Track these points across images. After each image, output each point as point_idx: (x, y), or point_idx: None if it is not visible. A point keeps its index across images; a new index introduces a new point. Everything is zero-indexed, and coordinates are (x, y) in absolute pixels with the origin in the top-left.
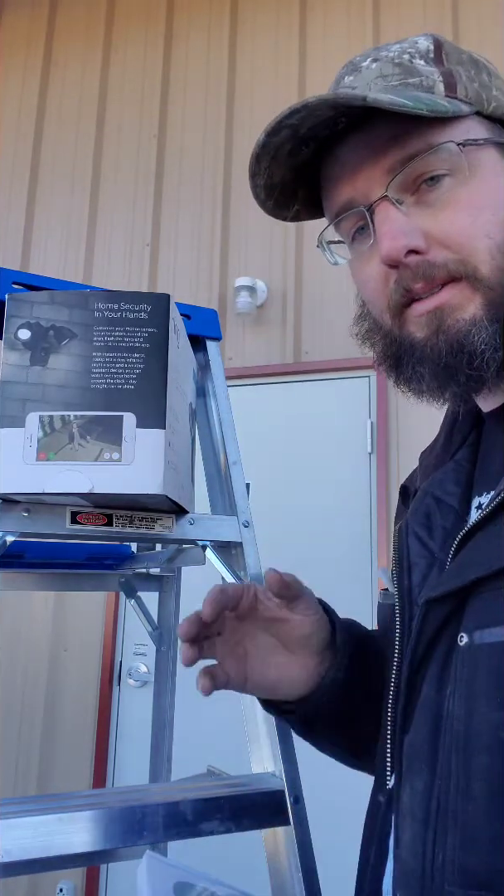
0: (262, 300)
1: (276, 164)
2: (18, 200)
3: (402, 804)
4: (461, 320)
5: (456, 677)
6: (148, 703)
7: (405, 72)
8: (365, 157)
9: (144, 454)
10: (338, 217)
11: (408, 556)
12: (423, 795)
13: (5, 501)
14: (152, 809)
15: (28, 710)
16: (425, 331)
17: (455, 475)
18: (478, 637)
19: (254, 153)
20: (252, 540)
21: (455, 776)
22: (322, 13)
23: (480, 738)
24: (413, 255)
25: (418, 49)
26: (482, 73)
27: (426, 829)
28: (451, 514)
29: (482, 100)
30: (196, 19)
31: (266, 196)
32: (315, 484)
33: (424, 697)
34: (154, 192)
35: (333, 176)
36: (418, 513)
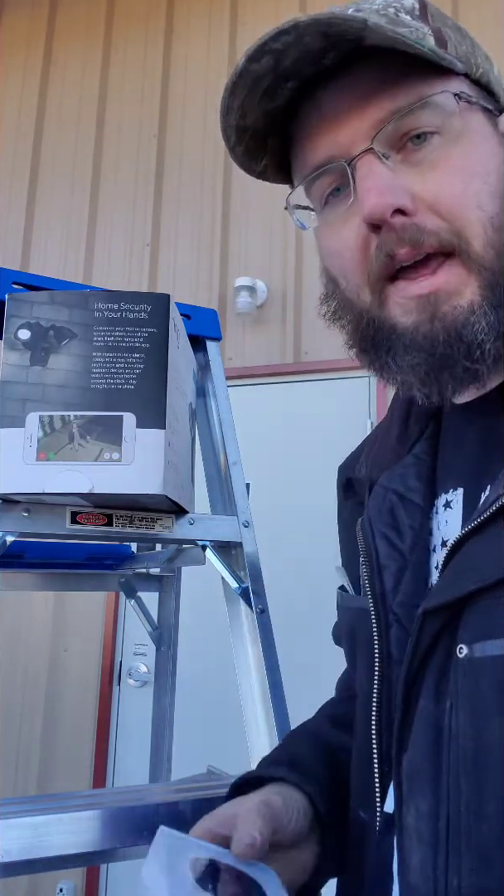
0: (262, 300)
1: (251, 101)
2: (18, 200)
3: (407, 826)
4: (458, 307)
5: (457, 691)
6: (148, 703)
7: (392, 22)
8: (350, 105)
9: (144, 454)
10: (314, 172)
11: (377, 559)
12: (429, 817)
13: (5, 501)
14: (152, 809)
15: (28, 710)
16: (415, 316)
17: (416, 469)
18: (479, 650)
19: (229, 84)
20: (252, 540)
21: (466, 796)
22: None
23: (491, 756)
24: (399, 215)
25: (403, 5)
26: (467, 38)
27: (436, 851)
28: (418, 512)
29: (471, 63)
30: (196, 19)
31: (237, 139)
32: (315, 484)
33: (422, 711)
34: (154, 192)
35: (311, 126)
36: (382, 510)
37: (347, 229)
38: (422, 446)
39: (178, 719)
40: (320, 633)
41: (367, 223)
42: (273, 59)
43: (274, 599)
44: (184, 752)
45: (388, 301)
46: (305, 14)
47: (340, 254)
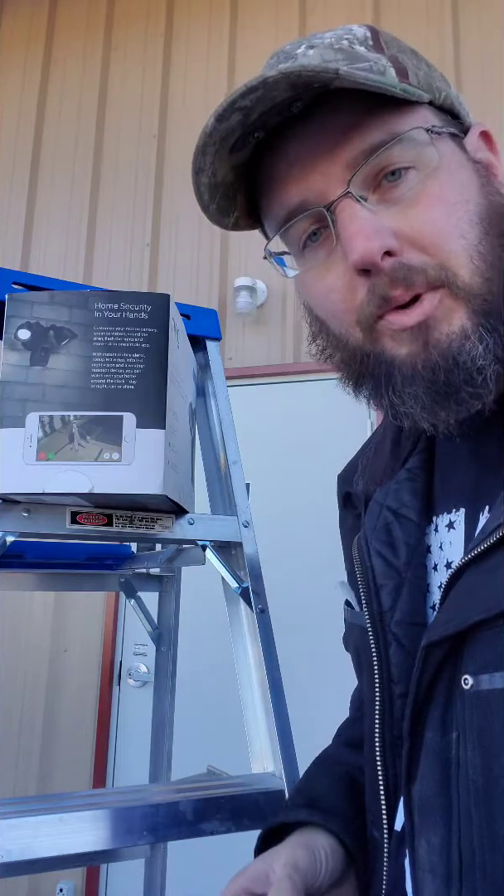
0: (262, 300)
1: (220, 158)
2: (18, 201)
3: (420, 858)
4: (451, 333)
5: (464, 723)
6: (148, 703)
7: (349, 57)
8: (319, 151)
9: (144, 454)
10: (288, 222)
11: (373, 577)
12: (441, 850)
13: (5, 501)
14: (152, 809)
15: (28, 710)
16: (409, 346)
17: (410, 485)
18: (486, 682)
19: (199, 144)
20: (252, 540)
21: (478, 829)
22: (322, 14)
23: (502, 789)
24: (387, 257)
25: (355, 35)
26: (422, 62)
27: (449, 886)
28: (413, 529)
29: (433, 88)
30: (196, 19)
31: (209, 198)
32: (315, 484)
33: (428, 743)
34: (154, 192)
35: (278, 175)
36: (377, 528)
37: (333, 274)
38: (415, 460)
39: (178, 719)
40: (320, 633)
41: (355, 269)
42: (241, 115)
43: (274, 599)
44: (184, 752)
45: (381, 336)
46: (273, 69)
47: (327, 297)
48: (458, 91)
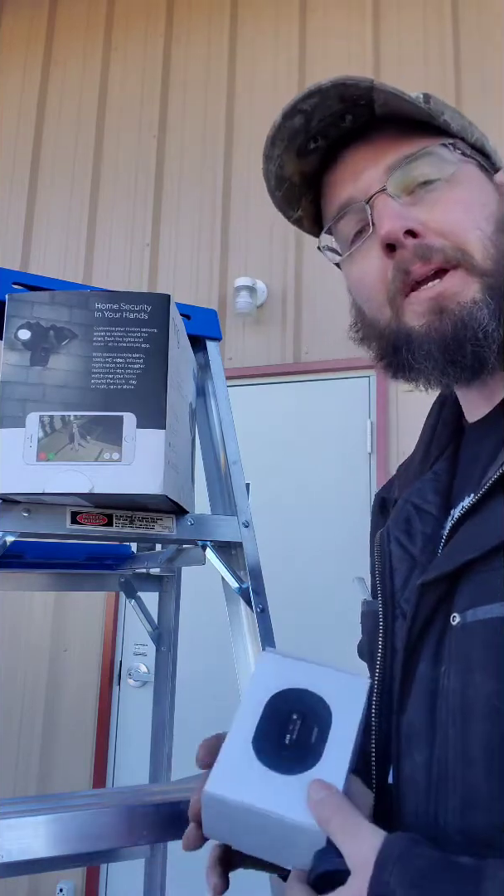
0: (262, 300)
1: (289, 155)
2: (18, 201)
3: (404, 777)
4: (463, 303)
5: (450, 655)
6: (148, 703)
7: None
8: (367, 157)
9: (144, 454)
10: (339, 212)
11: (390, 562)
12: (423, 767)
13: (5, 501)
14: (152, 809)
15: (28, 711)
16: (426, 317)
17: (434, 485)
18: (470, 615)
19: (269, 135)
20: (252, 540)
21: (453, 745)
22: (322, 13)
23: (477, 707)
24: (411, 237)
25: (409, 95)
26: (464, 118)
27: (428, 797)
28: (431, 521)
29: (466, 131)
30: (196, 19)
31: (276, 185)
32: (315, 484)
33: (420, 676)
34: (154, 192)
35: (336, 178)
36: (399, 519)
37: (368, 260)
38: (441, 465)
39: (178, 719)
40: (321, 633)
41: (382, 244)
42: (304, 118)
43: (274, 599)
44: (184, 752)
45: (404, 312)
46: (327, 79)
47: (363, 280)
48: (494, 148)
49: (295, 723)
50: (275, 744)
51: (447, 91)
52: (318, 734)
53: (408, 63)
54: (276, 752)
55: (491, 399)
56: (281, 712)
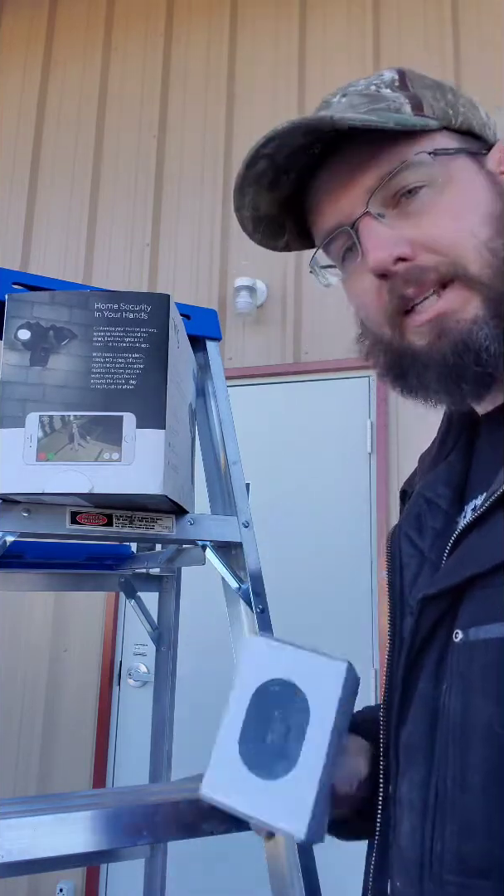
0: (262, 300)
1: (260, 195)
2: (18, 201)
3: (401, 795)
4: (462, 321)
5: (451, 673)
6: (148, 703)
7: (372, 100)
8: (344, 180)
9: (144, 454)
10: (326, 239)
11: (399, 557)
12: (420, 787)
13: (5, 501)
14: (152, 809)
15: (28, 711)
16: (427, 338)
17: (446, 476)
18: (472, 634)
19: (235, 186)
20: (252, 540)
21: (452, 768)
22: (322, 13)
23: (476, 731)
24: (401, 262)
25: (383, 80)
26: (447, 93)
27: (424, 819)
28: (441, 516)
29: (449, 115)
30: (196, 19)
31: (253, 228)
32: (315, 484)
33: (420, 692)
34: (154, 192)
35: (317, 202)
36: (410, 514)
37: (362, 281)
38: (455, 455)
39: (178, 719)
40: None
41: (374, 275)
42: (268, 161)
43: (274, 599)
44: (184, 752)
45: (406, 332)
46: (285, 120)
47: (361, 300)
48: (488, 115)
49: (276, 721)
50: (258, 745)
51: None
52: (296, 733)
53: (408, 63)
54: (258, 754)
55: (497, 394)
56: (263, 709)
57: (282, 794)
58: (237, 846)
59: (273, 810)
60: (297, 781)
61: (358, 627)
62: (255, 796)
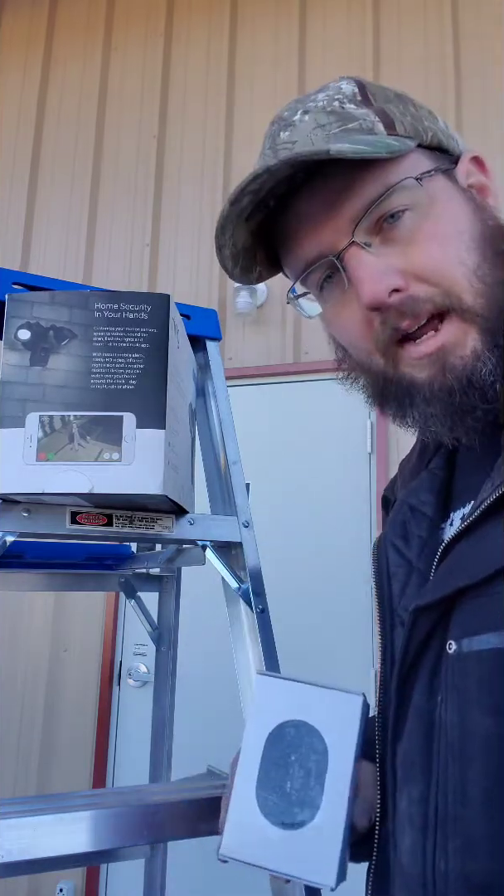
0: (262, 300)
1: (238, 229)
2: (18, 200)
3: (400, 811)
4: (464, 357)
5: (446, 685)
6: (148, 703)
7: (341, 118)
8: (325, 209)
9: (144, 454)
10: (306, 271)
11: (387, 567)
12: (420, 803)
13: (5, 501)
14: (152, 809)
15: (28, 711)
16: (428, 371)
17: (429, 484)
18: (466, 645)
19: (218, 225)
20: (252, 540)
21: (452, 783)
22: (322, 13)
23: (475, 745)
24: (395, 293)
25: (344, 94)
26: (409, 106)
27: (425, 835)
28: (426, 523)
29: (419, 131)
30: (196, 19)
31: (233, 265)
32: (315, 484)
33: (415, 705)
34: (154, 192)
35: (293, 232)
36: (395, 522)
37: (348, 311)
38: (437, 461)
39: (178, 719)
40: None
41: (368, 309)
42: (252, 195)
43: (274, 599)
44: (184, 752)
45: (401, 362)
46: (274, 158)
47: (348, 331)
48: (445, 123)
49: (293, 766)
50: (277, 794)
51: (447, 92)
52: (316, 777)
53: (408, 63)
54: (279, 804)
55: None
56: (280, 754)
57: (306, 844)
58: None
59: (299, 863)
60: (322, 829)
61: (358, 627)
62: (279, 849)
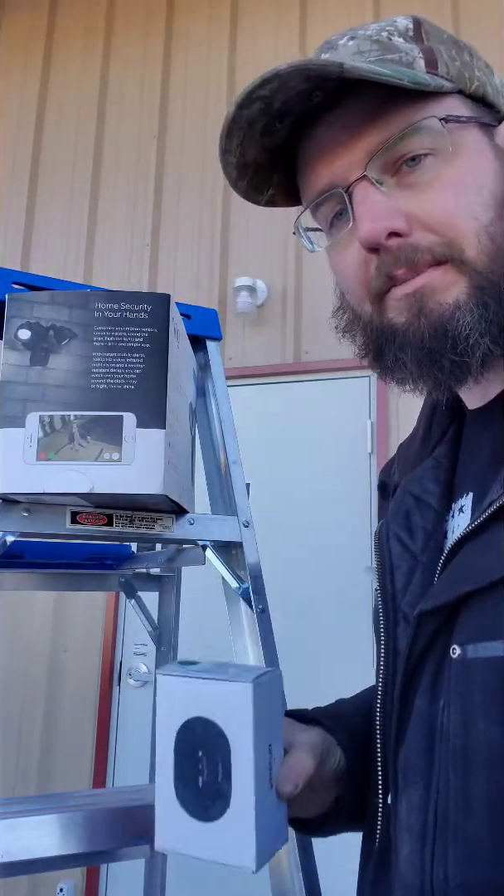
0: (262, 300)
1: (249, 141)
2: (18, 200)
3: (400, 818)
4: (444, 304)
5: (449, 690)
6: (148, 703)
7: (383, 48)
8: (343, 137)
9: (144, 454)
10: (315, 200)
11: (390, 559)
12: (419, 809)
13: (5, 501)
14: (152, 809)
15: (28, 710)
16: (406, 315)
17: (434, 472)
18: (471, 651)
19: (224, 128)
20: (252, 540)
21: (454, 792)
22: (322, 13)
23: (479, 754)
24: (395, 237)
25: (397, 27)
26: (463, 52)
27: (423, 843)
28: (431, 514)
29: (464, 78)
30: (196, 19)
31: (238, 176)
32: (315, 484)
33: (417, 710)
34: (154, 193)
35: (310, 157)
36: (398, 513)
37: (349, 251)
38: (441, 449)
39: None
40: (320, 632)
41: (364, 247)
42: (263, 104)
43: (274, 599)
44: None
45: (386, 308)
46: (286, 62)
47: (344, 272)
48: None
49: (201, 760)
50: (192, 789)
51: None
52: (223, 770)
53: None
54: (195, 799)
55: (487, 389)
56: (188, 751)
57: (223, 833)
58: None
59: (222, 850)
60: (234, 819)
61: (358, 628)
62: (203, 840)
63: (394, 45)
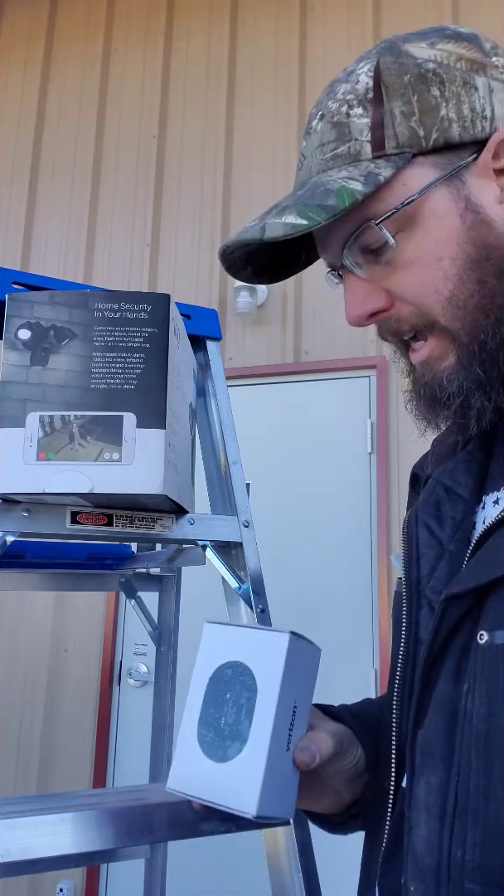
0: (262, 300)
1: (253, 262)
2: (18, 200)
3: (416, 798)
4: (439, 371)
5: (475, 675)
6: (148, 703)
7: (339, 137)
8: (321, 233)
9: (144, 454)
10: (328, 271)
11: (416, 546)
12: (438, 791)
13: (5, 501)
14: (152, 809)
15: (28, 710)
16: (417, 374)
17: (466, 465)
18: (499, 637)
19: (225, 268)
20: (252, 540)
21: (476, 774)
22: (322, 13)
23: (502, 739)
24: (374, 315)
25: (357, 93)
26: (432, 90)
27: (442, 825)
28: (461, 505)
29: (418, 138)
30: (196, 19)
31: (260, 278)
32: (315, 484)
33: (439, 692)
34: (154, 192)
35: (316, 238)
36: (428, 502)
37: None
38: (475, 443)
39: (178, 719)
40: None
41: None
42: (241, 251)
43: (274, 599)
44: None
45: None
46: (232, 238)
47: None
48: (491, 90)
49: (228, 703)
50: (214, 730)
51: None
52: (247, 713)
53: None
54: (214, 739)
55: None
56: (218, 693)
57: (233, 775)
58: (237, 846)
59: (227, 793)
60: (246, 761)
61: (358, 628)
62: (212, 781)
63: (349, 127)
